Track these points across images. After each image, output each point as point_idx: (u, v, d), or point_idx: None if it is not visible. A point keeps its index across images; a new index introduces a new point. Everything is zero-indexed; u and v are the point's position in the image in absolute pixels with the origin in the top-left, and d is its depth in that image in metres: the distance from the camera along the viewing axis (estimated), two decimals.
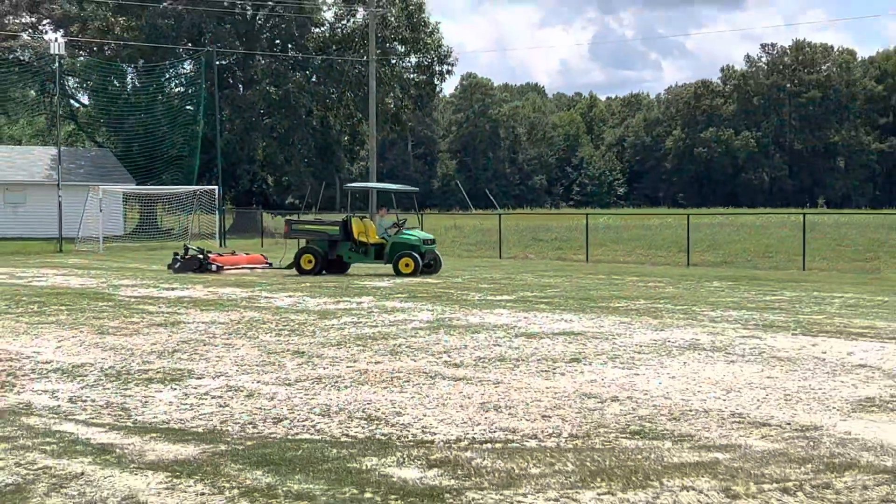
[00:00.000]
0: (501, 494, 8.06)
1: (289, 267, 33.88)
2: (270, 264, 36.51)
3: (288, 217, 39.84)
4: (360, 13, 77.83)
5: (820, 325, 18.98)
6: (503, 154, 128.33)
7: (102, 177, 60.05)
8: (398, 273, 31.66)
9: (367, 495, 8.05)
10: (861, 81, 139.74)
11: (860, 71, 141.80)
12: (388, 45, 78.64)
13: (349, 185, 37.49)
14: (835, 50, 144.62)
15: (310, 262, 32.87)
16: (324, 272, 32.66)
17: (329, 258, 32.91)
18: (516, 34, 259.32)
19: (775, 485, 8.31)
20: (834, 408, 11.49)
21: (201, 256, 34.53)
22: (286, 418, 10.94)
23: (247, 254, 38.63)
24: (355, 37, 78.28)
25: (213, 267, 34.17)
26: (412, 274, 31.38)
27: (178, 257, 34.72)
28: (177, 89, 78.66)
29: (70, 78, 74.48)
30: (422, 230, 34.29)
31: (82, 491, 8.16)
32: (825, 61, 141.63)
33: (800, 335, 17.54)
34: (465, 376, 13.47)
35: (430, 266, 32.42)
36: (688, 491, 8.15)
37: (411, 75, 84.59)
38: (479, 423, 10.65)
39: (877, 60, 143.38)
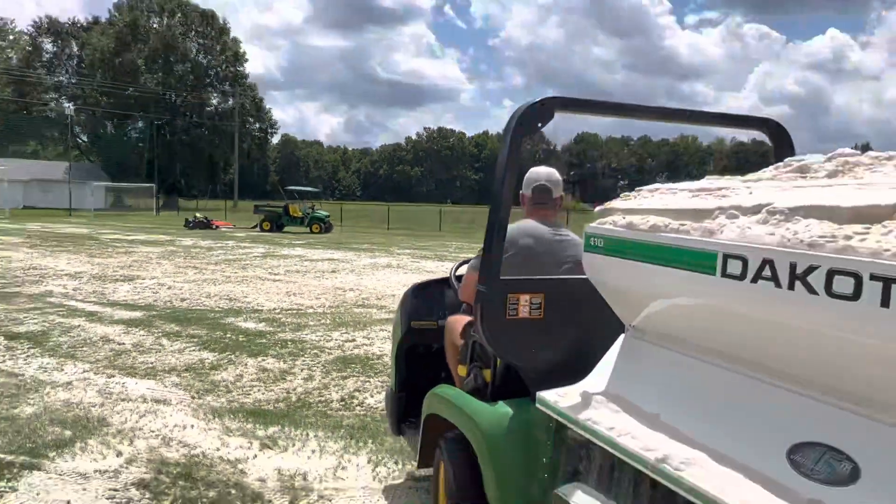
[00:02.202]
0: (295, 334, 7.99)
1: (253, 228, 31.64)
2: (234, 226, 33.71)
3: (255, 203, 37.28)
4: (231, 101, 74.40)
5: (442, 255, 19.45)
6: (302, 172, 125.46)
7: None
8: (311, 232, 29.98)
9: (228, 335, 7.83)
10: (468, 147, 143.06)
11: (468, 141, 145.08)
12: (244, 117, 75.61)
13: (289, 187, 36.18)
14: (455, 132, 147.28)
15: (267, 225, 31.01)
16: (272, 231, 30.42)
17: (276, 223, 30.96)
18: (308, 115, 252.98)
19: None
20: None
21: (206, 221, 32.04)
22: (188, 299, 10.47)
23: (223, 220, 35.80)
24: (228, 113, 74.81)
25: (214, 226, 31.90)
26: (320, 233, 29.81)
27: (191, 221, 31.94)
28: (137, 135, 73.39)
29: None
30: (323, 211, 32.84)
31: (79, 334, 7.65)
32: (452, 137, 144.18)
33: (436, 260, 17.86)
34: (279, 279, 13.21)
35: (327, 229, 30.80)
36: (382, 331, 8.28)
37: (256, 133, 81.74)
38: (285, 302, 10.48)
39: (476, 137, 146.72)
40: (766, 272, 1.67)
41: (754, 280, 1.69)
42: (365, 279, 13.57)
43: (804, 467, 1.60)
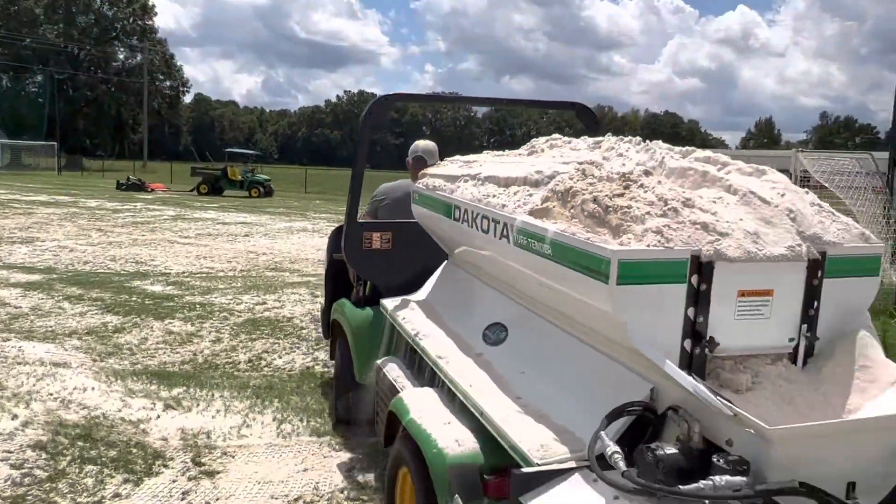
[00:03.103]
0: (204, 297, 7.90)
1: (191, 191, 29.89)
2: (169, 188, 31.86)
3: (193, 166, 34.82)
4: (139, 57, 70.96)
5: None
6: (217, 134, 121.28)
7: None
8: (250, 196, 28.76)
9: (134, 298, 7.68)
10: (389, 112, 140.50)
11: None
12: (154, 74, 72.33)
13: (229, 149, 34.58)
14: (377, 96, 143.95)
15: (204, 188, 29.56)
16: (210, 194, 28.90)
17: (215, 187, 29.55)
18: (224, 74, 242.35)
19: None
20: None
21: (140, 182, 30.50)
22: (91, 262, 10.15)
23: (158, 183, 33.15)
24: (136, 69, 71.32)
25: (150, 189, 30.27)
26: (258, 197, 28.66)
27: (124, 183, 30.35)
28: (36, 89, 68.99)
29: None
30: (263, 174, 31.59)
31: None
32: (373, 101, 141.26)
33: None
34: (189, 242, 12.92)
35: (268, 193, 29.72)
36: (294, 294, 8.30)
37: (166, 91, 78.43)
38: (195, 265, 10.31)
39: None
40: (465, 217, 2.81)
41: (461, 222, 2.84)
42: (279, 243, 13.42)
43: (487, 337, 2.68)
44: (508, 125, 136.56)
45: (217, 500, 3.30)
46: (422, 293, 3.40)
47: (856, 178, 11.83)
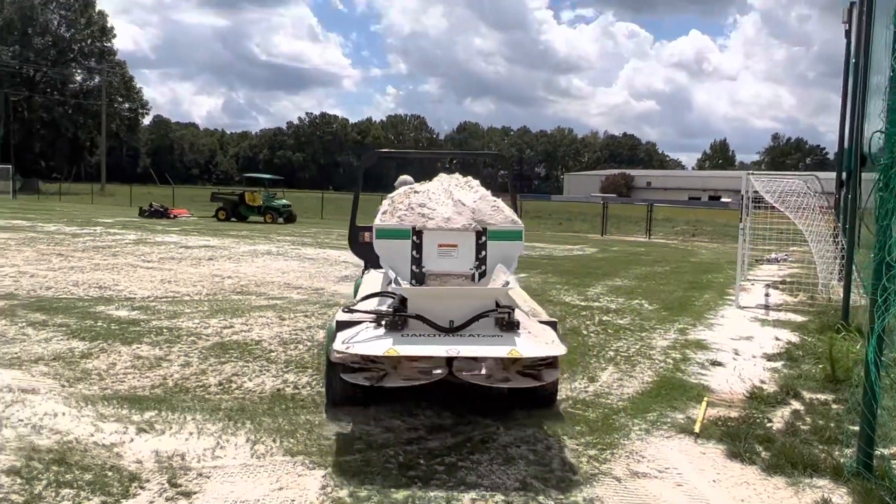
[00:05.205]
0: (171, 321, 7.90)
1: (212, 217, 29.68)
2: (191, 214, 31.67)
3: (213, 191, 34.10)
4: (97, 79, 70.02)
5: (323, 241, 19.41)
6: (176, 156, 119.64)
7: None
8: (265, 221, 28.44)
9: (100, 323, 7.65)
10: (351, 133, 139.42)
11: (351, 127, 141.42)
12: (112, 96, 71.42)
13: (246, 174, 34.62)
14: (339, 118, 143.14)
15: (223, 213, 29.42)
16: (232, 219, 28.91)
17: (234, 212, 29.33)
18: (183, 96, 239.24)
19: (300, 313, 8.65)
20: (330, 280, 11.96)
21: (163, 209, 30.28)
22: (53, 287, 10.03)
23: (180, 209, 32.92)
24: (94, 91, 70.39)
25: (172, 215, 30.01)
26: (273, 222, 28.30)
27: (147, 209, 30.14)
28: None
29: None
30: (284, 198, 31.63)
31: None
32: (335, 122, 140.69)
33: (317, 247, 17.85)
34: (153, 267, 12.83)
35: (289, 219, 29.37)
36: (261, 318, 8.33)
37: (125, 113, 77.44)
38: (160, 290, 10.25)
39: (359, 124, 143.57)
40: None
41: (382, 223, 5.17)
42: (243, 266, 13.41)
43: (392, 281, 4.82)
44: (470, 148, 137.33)
45: None
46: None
47: (804, 198, 12.35)
